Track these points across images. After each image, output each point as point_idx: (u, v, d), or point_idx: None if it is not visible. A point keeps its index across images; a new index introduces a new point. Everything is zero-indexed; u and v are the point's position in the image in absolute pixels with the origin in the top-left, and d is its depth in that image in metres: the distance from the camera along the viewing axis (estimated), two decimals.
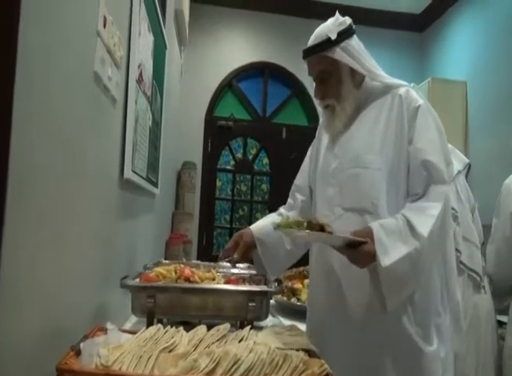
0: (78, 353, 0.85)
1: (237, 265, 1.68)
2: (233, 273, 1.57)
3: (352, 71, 1.42)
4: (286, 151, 4.53)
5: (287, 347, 0.94)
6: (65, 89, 0.95)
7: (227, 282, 1.36)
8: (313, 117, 4.55)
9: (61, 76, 0.93)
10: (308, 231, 1.16)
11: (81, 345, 0.87)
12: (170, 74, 2.83)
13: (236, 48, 4.53)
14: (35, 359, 0.84)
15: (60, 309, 0.99)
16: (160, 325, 1.03)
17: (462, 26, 4.00)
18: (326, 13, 4.74)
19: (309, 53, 1.44)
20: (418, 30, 4.71)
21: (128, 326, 1.44)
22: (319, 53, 1.41)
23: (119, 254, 1.55)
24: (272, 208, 4.47)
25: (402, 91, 1.40)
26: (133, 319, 1.48)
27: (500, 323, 1.95)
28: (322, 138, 1.57)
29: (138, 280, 1.26)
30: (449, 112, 3.73)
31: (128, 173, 1.52)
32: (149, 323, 1.15)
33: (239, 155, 4.61)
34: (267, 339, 0.98)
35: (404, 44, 4.71)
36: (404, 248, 1.18)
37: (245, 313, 1.21)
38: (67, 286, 1.03)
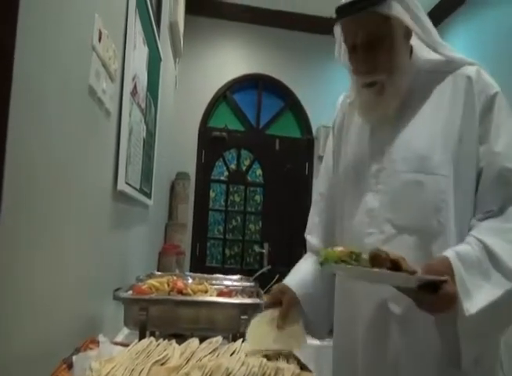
0: (70, 366, 0.85)
1: (230, 276, 1.70)
2: (226, 286, 1.57)
3: (407, 36, 1.09)
4: (280, 162, 4.55)
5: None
6: (60, 103, 0.96)
7: (219, 294, 1.36)
8: (306, 129, 4.58)
9: (56, 89, 0.94)
10: (376, 270, 0.85)
11: (74, 358, 0.87)
12: (164, 85, 2.84)
13: (230, 60, 4.56)
14: (27, 371, 0.84)
15: (52, 321, 0.98)
16: (152, 338, 1.03)
17: (457, 37, 4.05)
18: (321, 27, 4.81)
19: (353, 10, 1.03)
20: None
21: (120, 338, 1.44)
22: (369, 8, 1.01)
23: (112, 265, 1.55)
24: (266, 219, 4.52)
25: (471, 71, 1.07)
26: (125, 331, 1.48)
27: None
28: (351, 127, 1.21)
29: (130, 292, 1.26)
30: None
31: (122, 185, 1.52)
32: (142, 336, 1.15)
33: (232, 166, 4.62)
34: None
35: None
36: (492, 290, 0.89)
37: (237, 326, 1.21)
38: (59, 298, 1.03)
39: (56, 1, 0.91)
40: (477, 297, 0.88)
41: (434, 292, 0.85)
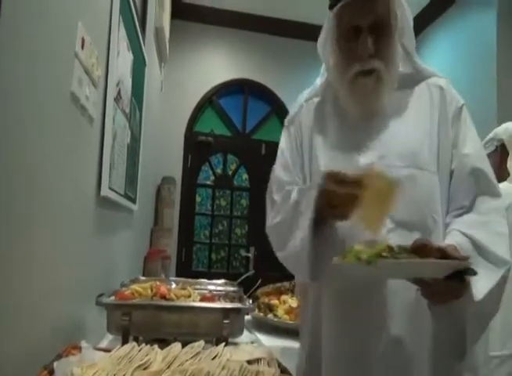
0: (52, 372, 0.85)
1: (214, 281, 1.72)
2: (209, 290, 1.58)
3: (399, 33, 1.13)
4: (266, 167, 4.56)
5: (254, 357, 0.96)
6: (41, 110, 0.97)
7: (202, 299, 1.37)
8: None
9: (38, 96, 0.94)
10: (416, 260, 0.81)
11: (55, 364, 0.87)
12: (149, 90, 2.85)
13: (216, 64, 4.58)
14: None
15: (34, 327, 0.99)
16: (134, 343, 1.04)
17: (436, 47, 4.13)
18: (306, 34, 4.85)
19: None
20: None
21: (104, 343, 1.44)
22: None
23: (95, 271, 1.55)
24: (252, 223, 4.53)
25: (442, 82, 1.17)
26: (109, 336, 1.48)
27: None
28: (324, 123, 1.19)
29: (113, 297, 1.26)
30: None
31: (105, 190, 1.53)
32: (125, 341, 1.15)
33: (218, 170, 4.64)
34: (237, 355, 1.00)
35: None
36: (489, 278, 0.94)
37: (220, 330, 1.22)
38: (41, 304, 1.03)
39: (38, 9, 0.92)
40: (480, 284, 0.92)
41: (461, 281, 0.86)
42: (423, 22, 4.56)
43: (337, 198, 0.92)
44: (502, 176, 1.81)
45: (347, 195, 0.90)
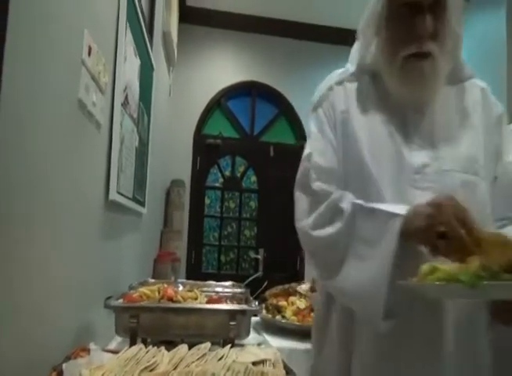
0: (60, 374, 0.87)
1: (221, 283, 1.74)
2: (217, 292, 1.60)
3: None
4: (274, 169, 4.59)
5: (259, 358, 0.98)
6: (49, 117, 0.99)
7: (209, 301, 1.39)
8: (300, 136, 4.62)
9: (45, 104, 0.97)
10: None
11: (64, 365, 0.89)
12: (158, 94, 2.88)
13: (224, 67, 4.61)
14: None
15: (43, 330, 1.01)
16: (141, 345, 1.06)
17: None
18: (313, 35, 4.87)
19: None
20: None
21: (113, 345, 1.46)
22: None
23: (104, 274, 1.57)
24: (260, 225, 4.54)
25: (484, 85, 1.13)
26: (118, 339, 1.50)
27: None
28: (368, 108, 1.09)
29: (121, 300, 1.28)
30: None
31: (113, 195, 1.55)
32: (132, 343, 1.17)
33: (227, 173, 4.66)
34: (243, 356, 1.01)
35: None
36: None
37: (226, 332, 1.24)
38: (50, 307, 1.05)
39: (45, 18, 0.94)
40: None
41: None
42: None
43: (459, 243, 0.82)
44: None
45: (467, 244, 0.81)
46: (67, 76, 1.10)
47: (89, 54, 1.25)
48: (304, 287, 1.88)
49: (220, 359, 1.02)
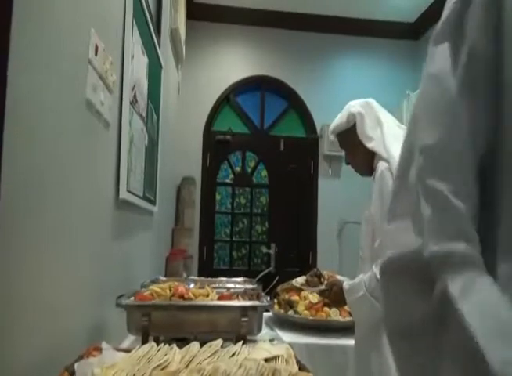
0: (72, 373, 0.88)
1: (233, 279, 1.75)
2: (228, 288, 1.60)
3: None
4: (285, 163, 4.58)
5: (271, 355, 0.98)
6: (57, 117, 0.99)
7: (220, 298, 1.39)
8: (310, 128, 4.60)
9: (52, 105, 0.97)
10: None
11: (76, 365, 0.90)
12: (166, 92, 2.88)
13: (232, 62, 4.60)
14: None
15: (55, 330, 1.02)
16: (153, 343, 1.06)
17: None
18: (320, 26, 4.83)
19: None
20: (413, 38, 4.76)
21: (126, 344, 1.47)
22: None
23: (116, 273, 1.58)
24: (272, 220, 4.54)
25: None
26: (131, 337, 1.51)
27: None
28: None
29: (133, 298, 1.29)
30: None
31: (123, 193, 1.56)
32: (144, 341, 1.18)
33: (237, 168, 4.66)
34: (255, 353, 1.01)
35: (400, 52, 4.76)
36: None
37: (238, 328, 1.24)
38: (62, 306, 1.06)
39: (51, 17, 0.94)
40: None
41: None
42: (426, 23, 4.49)
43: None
44: None
45: None
46: (74, 75, 1.10)
47: (96, 53, 1.25)
48: (299, 280, 1.88)
49: (232, 356, 1.02)
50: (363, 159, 1.73)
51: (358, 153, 1.74)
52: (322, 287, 1.77)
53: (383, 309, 0.60)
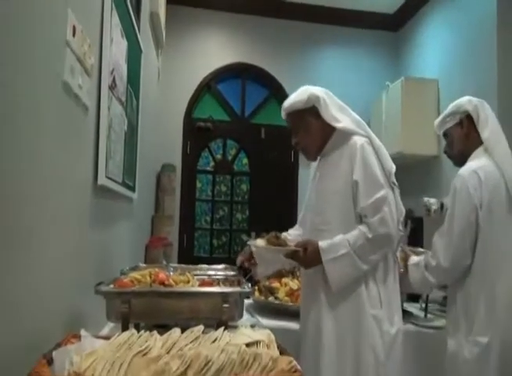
0: (51, 362, 0.86)
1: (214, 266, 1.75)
2: (209, 275, 1.59)
3: None
4: (266, 151, 4.57)
5: (253, 340, 0.99)
6: (33, 99, 0.96)
7: (201, 284, 1.38)
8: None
9: (29, 86, 0.94)
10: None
11: (54, 353, 0.88)
12: (146, 77, 2.83)
13: (213, 49, 4.54)
14: (6, 368, 0.85)
15: (33, 318, 1.00)
16: (133, 330, 1.05)
17: (434, 25, 4.08)
18: (301, 14, 4.81)
19: None
20: (392, 30, 4.78)
21: (105, 331, 1.46)
22: None
23: (95, 260, 1.56)
24: (252, 208, 4.54)
25: None
26: (110, 324, 1.50)
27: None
28: None
29: (112, 285, 1.27)
30: (422, 110, 3.81)
31: (102, 179, 1.53)
32: (124, 329, 1.17)
33: (218, 156, 4.63)
34: (236, 338, 1.01)
35: (379, 43, 4.78)
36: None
37: (220, 314, 1.23)
38: (40, 294, 1.04)
39: None
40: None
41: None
42: (404, 15, 4.51)
43: None
44: (472, 144, 1.91)
45: None
46: (51, 57, 1.07)
47: (74, 34, 1.22)
48: (259, 242, 1.76)
49: (213, 341, 1.02)
50: (319, 140, 1.78)
51: (312, 134, 1.77)
52: (291, 247, 1.67)
53: None
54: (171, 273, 1.44)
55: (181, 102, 4.43)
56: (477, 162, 1.83)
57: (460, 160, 1.95)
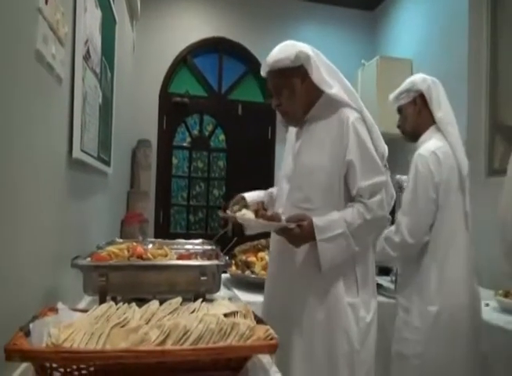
0: (28, 334, 0.86)
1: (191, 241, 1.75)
2: (187, 249, 1.60)
3: None
4: (243, 127, 4.55)
5: (230, 310, 1.01)
6: (3, 68, 0.93)
7: (179, 258, 1.39)
8: (269, 94, 4.56)
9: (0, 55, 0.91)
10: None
11: (31, 325, 0.88)
12: (121, 49, 2.76)
13: (190, 23, 4.44)
14: None
15: (8, 292, 0.99)
16: (112, 302, 1.05)
17: (409, 6, 4.10)
18: None
19: None
20: (369, 9, 4.77)
21: (82, 305, 1.45)
22: None
23: (70, 234, 1.54)
24: (229, 184, 4.54)
25: None
26: (87, 298, 1.49)
27: None
28: None
29: (89, 259, 1.27)
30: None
31: (77, 152, 1.50)
32: (102, 302, 1.17)
33: (195, 132, 4.59)
34: (214, 309, 1.03)
35: (356, 22, 4.77)
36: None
37: (197, 287, 1.25)
38: (15, 268, 1.03)
39: None
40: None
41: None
42: None
43: None
44: (424, 123, 2.02)
45: None
46: (23, 25, 1.03)
47: (46, 2, 1.17)
48: (248, 214, 1.58)
49: (192, 312, 1.03)
50: (304, 104, 1.60)
51: (297, 97, 1.58)
52: (283, 223, 1.46)
53: None
54: (149, 247, 1.44)
55: (156, 76, 4.34)
56: (434, 143, 1.94)
57: (412, 136, 2.07)
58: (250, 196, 1.80)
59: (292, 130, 1.76)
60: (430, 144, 1.94)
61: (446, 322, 1.83)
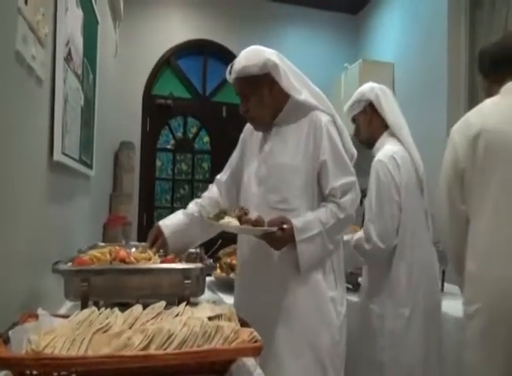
0: (7, 341, 0.84)
1: None
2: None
3: None
4: (227, 129, 4.54)
5: (214, 313, 1.00)
6: None
7: (163, 261, 1.37)
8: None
9: None
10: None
11: (10, 332, 0.86)
12: (103, 50, 2.73)
13: (174, 24, 4.42)
14: None
15: None
16: (94, 307, 1.04)
17: (391, 10, 4.15)
18: None
19: None
20: (352, 13, 4.81)
21: (63, 311, 1.43)
22: None
23: (51, 238, 1.51)
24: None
25: None
26: (68, 304, 1.47)
27: None
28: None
29: (70, 264, 1.24)
30: None
31: (58, 155, 1.48)
32: (84, 307, 1.15)
33: (179, 134, 4.56)
34: (198, 312, 1.02)
35: (339, 26, 4.81)
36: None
37: (181, 290, 1.24)
38: None
39: None
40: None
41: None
42: None
43: None
44: (376, 130, 2.09)
45: None
46: (2, 25, 1.01)
47: (26, 2, 1.15)
48: (233, 223, 1.61)
49: (176, 316, 1.02)
50: (272, 110, 1.62)
51: (265, 103, 1.60)
52: (266, 227, 1.45)
53: None
54: (132, 251, 1.43)
55: (140, 77, 4.31)
56: (390, 148, 2.00)
57: (368, 143, 2.14)
58: (169, 225, 1.68)
59: (252, 133, 1.77)
60: (386, 149, 2.00)
61: (419, 323, 1.87)
